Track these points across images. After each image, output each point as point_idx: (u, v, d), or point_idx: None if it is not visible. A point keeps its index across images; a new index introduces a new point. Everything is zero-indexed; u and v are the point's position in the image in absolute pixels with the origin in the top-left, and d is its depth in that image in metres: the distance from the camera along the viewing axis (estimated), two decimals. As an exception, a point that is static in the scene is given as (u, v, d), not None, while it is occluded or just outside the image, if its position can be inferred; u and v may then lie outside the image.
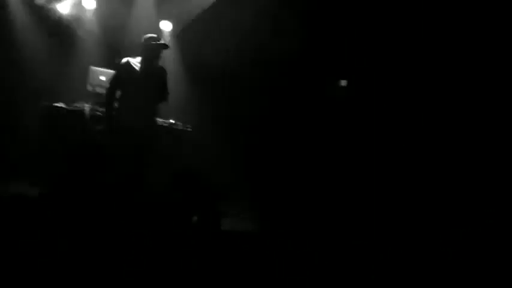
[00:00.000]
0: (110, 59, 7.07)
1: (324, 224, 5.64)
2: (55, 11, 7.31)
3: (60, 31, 7.38)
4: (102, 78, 6.56)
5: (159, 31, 7.67)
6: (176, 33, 7.80)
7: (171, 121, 6.80)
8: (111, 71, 5.97)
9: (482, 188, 5.30)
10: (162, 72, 5.51)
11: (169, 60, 7.66)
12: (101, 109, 6.20)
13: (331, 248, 4.73)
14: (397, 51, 6.40)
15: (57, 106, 6.36)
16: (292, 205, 6.10)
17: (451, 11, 5.91)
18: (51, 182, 4.68)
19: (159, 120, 6.60)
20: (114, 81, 5.43)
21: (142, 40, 5.44)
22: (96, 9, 7.47)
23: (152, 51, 5.38)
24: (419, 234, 5.25)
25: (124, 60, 5.43)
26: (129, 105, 5.34)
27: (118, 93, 5.45)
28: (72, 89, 6.94)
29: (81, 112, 6.33)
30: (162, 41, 5.56)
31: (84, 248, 3.82)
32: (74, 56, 7.41)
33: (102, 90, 6.37)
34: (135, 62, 5.42)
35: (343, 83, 6.83)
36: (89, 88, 6.60)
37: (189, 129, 6.79)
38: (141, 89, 5.34)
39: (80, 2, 7.38)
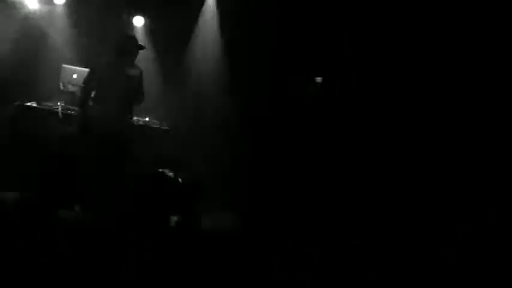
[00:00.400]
0: (82, 57, 6.97)
1: (308, 222, 5.62)
2: (24, 6, 7.13)
3: (30, 27, 7.17)
4: (75, 76, 6.41)
5: (131, 26, 7.57)
6: (149, 28, 7.66)
7: (147, 119, 6.71)
8: (84, 69, 5.85)
9: (482, 188, 5.33)
10: (137, 73, 5.41)
11: (143, 56, 7.57)
12: (72, 108, 6.07)
13: (320, 247, 4.72)
14: (375, 46, 6.38)
15: (29, 105, 6.20)
16: (274, 203, 6.07)
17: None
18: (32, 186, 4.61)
19: (135, 119, 6.53)
20: (88, 81, 5.31)
21: (118, 39, 5.35)
22: (66, 3, 7.28)
23: (127, 51, 5.29)
24: (416, 233, 5.25)
25: (99, 59, 5.34)
26: (103, 106, 5.24)
27: (92, 94, 5.33)
28: (43, 87, 6.75)
29: (53, 111, 6.18)
30: (137, 41, 5.48)
31: (66, 253, 3.75)
32: (44, 53, 7.20)
33: (75, 89, 6.28)
34: (110, 61, 5.32)
35: (319, 80, 6.79)
36: (61, 86, 6.47)
37: (165, 128, 6.71)
38: (115, 90, 5.23)
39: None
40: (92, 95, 5.33)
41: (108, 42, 5.91)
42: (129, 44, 5.34)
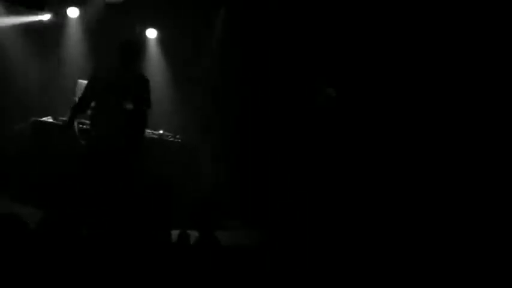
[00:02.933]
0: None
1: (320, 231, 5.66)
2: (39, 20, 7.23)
3: (45, 42, 7.27)
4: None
5: (145, 39, 7.65)
6: (162, 40, 7.73)
7: (161, 132, 6.78)
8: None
9: (482, 188, 5.34)
10: (141, 81, 5.16)
11: (155, 68, 7.66)
12: (87, 122, 6.12)
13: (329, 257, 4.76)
14: (389, 54, 6.36)
15: (45, 121, 6.29)
16: (291, 215, 6.11)
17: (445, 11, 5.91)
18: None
19: (149, 131, 6.60)
20: (86, 90, 5.12)
21: (119, 46, 5.10)
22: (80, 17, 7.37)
23: (129, 58, 5.05)
24: (416, 236, 5.28)
25: (98, 67, 5.21)
26: (103, 116, 5.03)
27: (92, 103, 5.15)
28: (59, 102, 6.84)
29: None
30: (140, 47, 5.44)
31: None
32: (60, 68, 7.30)
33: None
34: (111, 69, 5.13)
35: (332, 91, 6.78)
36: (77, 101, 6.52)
37: (178, 140, 6.78)
38: (114, 99, 4.97)
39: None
40: (92, 105, 5.14)
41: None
42: (131, 50, 5.11)
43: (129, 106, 5.01)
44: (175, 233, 5.07)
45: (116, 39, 7.06)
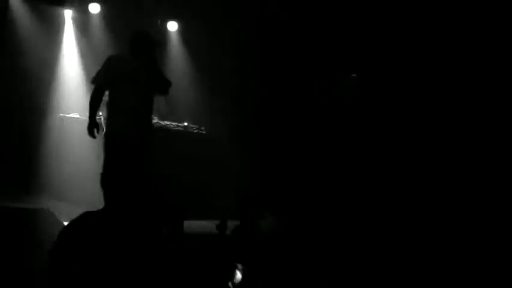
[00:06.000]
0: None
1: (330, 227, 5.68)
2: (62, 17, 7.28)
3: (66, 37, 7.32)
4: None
5: (166, 32, 7.67)
6: (183, 33, 7.74)
7: (185, 124, 6.81)
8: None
9: (482, 188, 5.32)
10: (152, 66, 4.97)
11: (177, 61, 7.69)
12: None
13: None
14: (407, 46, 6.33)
15: (72, 117, 6.34)
16: (313, 207, 6.12)
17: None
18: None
19: (174, 124, 6.64)
20: (100, 80, 4.89)
21: (131, 36, 4.99)
22: (102, 13, 7.40)
23: (142, 48, 4.91)
24: (425, 235, 5.27)
25: (110, 56, 4.96)
26: (121, 106, 4.88)
27: (107, 94, 5.01)
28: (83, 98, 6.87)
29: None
30: (152, 38, 5.06)
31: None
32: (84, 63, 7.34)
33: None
34: (124, 58, 4.98)
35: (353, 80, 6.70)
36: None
37: (203, 132, 6.81)
38: (131, 88, 4.84)
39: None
40: (107, 99, 5.01)
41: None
42: (143, 41, 4.95)
43: (148, 95, 4.96)
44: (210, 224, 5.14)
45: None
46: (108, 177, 4.87)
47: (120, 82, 4.83)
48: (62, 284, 3.43)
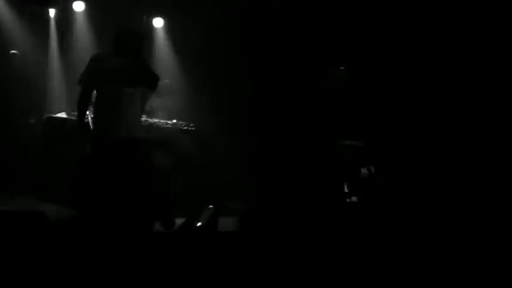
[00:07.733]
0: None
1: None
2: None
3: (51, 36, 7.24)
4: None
5: (152, 28, 7.60)
6: (168, 30, 7.68)
7: (174, 121, 6.76)
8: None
9: (482, 188, 5.33)
10: (138, 61, 4.75)
11: (163, 57, 7.63)
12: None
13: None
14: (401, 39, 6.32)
15: (58, 117, 6.27)
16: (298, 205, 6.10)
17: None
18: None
19: (162, 122, 6.59)
20: (85, 81, 4.74)
21: (115, 31, 4.75)
22: (86, 11, 7.31)
23: (125, 42, 4.70)
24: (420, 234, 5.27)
25: (94, 55, 4.80)
26: (107, 105, 4.72)
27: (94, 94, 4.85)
28: (69, 98, 6.81)
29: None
30: (138, 33, 4.89)
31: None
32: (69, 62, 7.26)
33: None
34: (108, 55, 4.76)
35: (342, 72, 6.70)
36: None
37: (193, 129, 6.76)
38: (116, 86, 4.67)
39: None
40: (94, 97, 4.87)
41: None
42: (127, 35, 4.74)
43: (131, 91, 4.73)
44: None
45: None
46: (84, 174, 4.78)
47: (105, 81, 4.68)
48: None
